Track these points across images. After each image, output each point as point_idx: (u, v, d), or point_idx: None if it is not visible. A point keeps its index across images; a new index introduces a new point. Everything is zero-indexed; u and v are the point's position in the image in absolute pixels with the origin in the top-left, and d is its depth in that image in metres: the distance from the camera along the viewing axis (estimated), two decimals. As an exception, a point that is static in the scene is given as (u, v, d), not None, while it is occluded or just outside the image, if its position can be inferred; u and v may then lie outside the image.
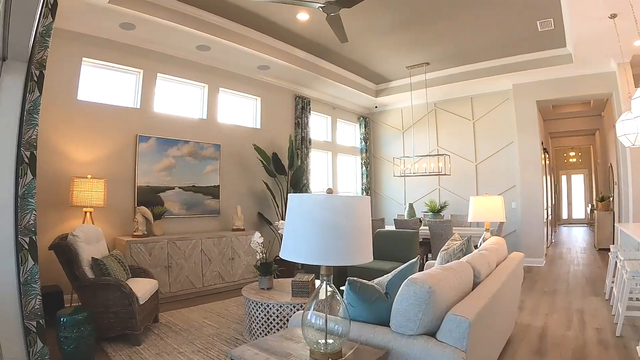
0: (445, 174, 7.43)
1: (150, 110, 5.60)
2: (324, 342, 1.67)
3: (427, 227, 6.44)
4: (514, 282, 3.21)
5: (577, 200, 17.34)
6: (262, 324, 3.50)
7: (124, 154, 5.26)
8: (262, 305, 3.49)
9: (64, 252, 3.46)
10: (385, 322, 1.99)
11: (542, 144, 7.87)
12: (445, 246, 3.31)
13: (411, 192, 9.28)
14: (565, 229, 15.52)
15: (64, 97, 4.72)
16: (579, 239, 12.11)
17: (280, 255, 1.68)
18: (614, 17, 4.62)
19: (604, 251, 8.70)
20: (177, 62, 5.92)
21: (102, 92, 5.20)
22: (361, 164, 9.86)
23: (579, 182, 17.24)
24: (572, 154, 16.96)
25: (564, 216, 17.41)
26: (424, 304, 1.79)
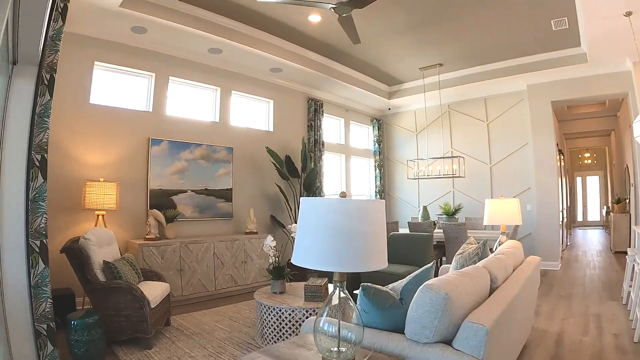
0: (459, 176, 7.31)
1: (162, 113, 5.62)
2: (336, 350, 1.60)
3: (441, 230, 6.35)
4: (531, 287, 3.11)
5: (592, 202, 17.08)
6: (274, 329, 3.44)
7: (137, 157, 5.28)
8: (274, 309, 3.44)
9: (76, 255, 3.47)
10: (399, 329, 1.92)
11: (557, 145, 7.70)
12: (460, 250, 3.23)
13: (425, 195, 9.16)
14: (580, 231, 15.29)
15: (76, 101, 4.76)
16: (594, 241, 11.90)
17: (292, 260, 1.63)
18: (629, 14, 4.47)
19: (620, 254, 8.51)
20: (189, 65, 5.93)
21: (114, 96, 5.24)
22: (375, 166, 9.77)
23: (594, 183, 16.98)
24: (587, 155, 16.71)
25: (579, 218, 17.18)
26: (440, 311, 1.71)
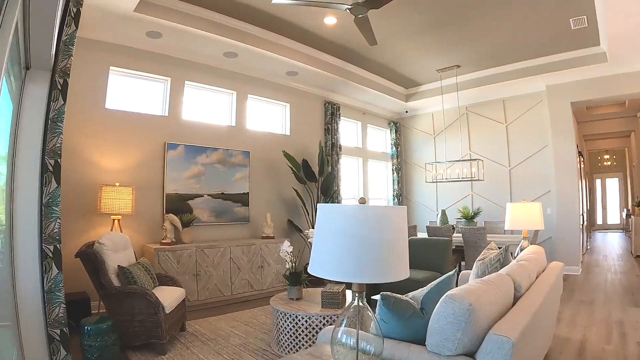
0: (478, 180, 7.14)
1: (178, 117, 5.62)
2: (354, 362, 1.51)
3: (460, 235, 6.20)
4: (555, 294, 2.97)
5: (611, 204, 16.69)
6: (290, 335, 3.36)
7: (153, 162, 5.28)
8: (290, 316, 3.36)
9: (90, 260, 3.45)
10: (420, 340, 1.81)
11: (577, 147, 7.49)
12: (481, 255, 3.12)
13: (443, 199, 8.99)
14: (600, 234, 14.93)
15: (92, 105, 4.79)
16: (614, 245, 11.61)
17: (309, 270, 1.55)
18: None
19: (641, 258, 8.30)
20: (205, 70, 5.93)
21: (130, 101, 5.26)
22: (392, 170, 9.63)
23: (613, 186, 16.61)
24: (606, 156, 16.32)
25: (599, 221, 16.86)
26: (464, 323, 1.60)
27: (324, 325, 3.28)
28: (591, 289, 5.78)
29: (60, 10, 2.30)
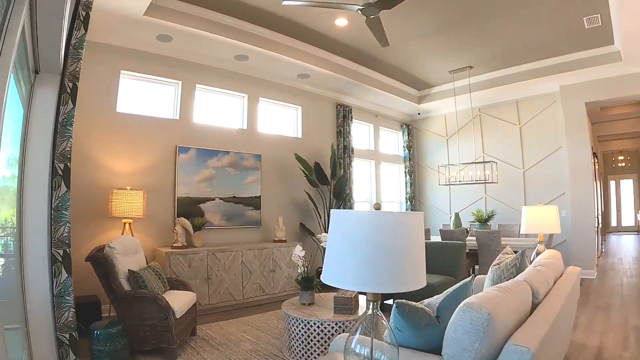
0: (492, 182, 7.01)
1: (189, 121, 5.62)
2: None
3: (474, 238, 6.08)
4: (572, 300, 2.86)
5: (626, 206, 16.32)
6: (302, 341, 3.30)
7: (164, 165, 5.28)
8: (302, 321, 3.30)
9: (100, 264, 3.44)
10: (436, 349, 1.74)
11: (591, 148, 7.33)
12: (496, 260, 3.03)
13: (456, 201, 8.85)
14: (614, 237, 14.63)
15: (103, 109, 4.80)
16: (629, 248, 11.37)
17: (321, 279, 1.49)
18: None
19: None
20: (216, 73, 5.92)
21: (141, 104, 5.27)
22: (405, 172, 9.52)
23: (628, 187, 16.23)
24: (620, 157, 15.98)
25: (613, 224, 16.48)
26: (482, 333, 1.52)
27: (336, 331, 3.22)
28: (607, 293, 5.65)
29: (68, 13, 2.29)
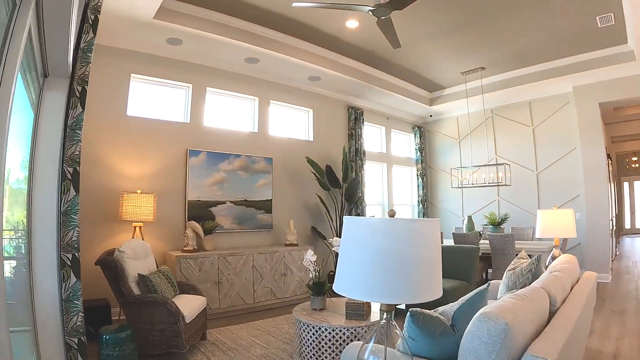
0: (505, 184, 6.87)
1: (200, 124, 5.61)
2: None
3: (487, 241, 5.96)
4: (589, 306, 2.75)
5: None
6: (313, 347, 3.23)
7: (174, 169, 5.28)
8: (313, 327, 3.24)
9: (110, 268, 3.43)
10: (451, 359, 1.66)
11: (605, 149, 7.15)
12: (511, 265, 2.95)
13: (469, 204, 8.71)
14: (628, 239, 14.33)
15: (114, 113, 4.82)
16: None
17: (334, 288, 1.43)
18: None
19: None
20: (226, 76, 5.92)
21: (151, 108, 5.28)
22: (417, 175, 9.41)
23: None
24: (634, 159, 15.62)
25: (627, 226, 16.16)
26: (499, 344, 1.44)
27: (347, 337, 3.15)
28: (622, 298, 5.51)
29: (76, 16, 2.28)
